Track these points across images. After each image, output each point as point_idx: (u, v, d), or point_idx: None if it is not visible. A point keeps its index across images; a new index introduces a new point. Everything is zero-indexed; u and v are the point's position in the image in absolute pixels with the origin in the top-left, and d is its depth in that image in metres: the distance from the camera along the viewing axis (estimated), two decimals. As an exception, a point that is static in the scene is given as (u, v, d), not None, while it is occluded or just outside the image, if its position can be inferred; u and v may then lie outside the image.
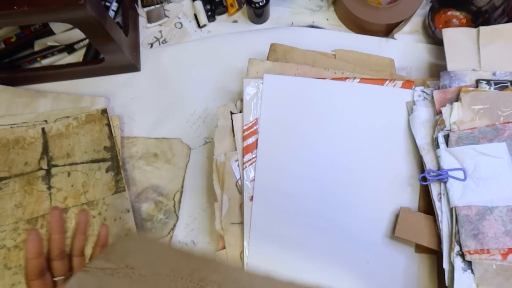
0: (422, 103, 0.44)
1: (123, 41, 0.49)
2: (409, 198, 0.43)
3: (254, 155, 0.44)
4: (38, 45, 0.55)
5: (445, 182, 0.40)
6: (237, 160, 0.44)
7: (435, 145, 0.41)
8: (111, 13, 0.55)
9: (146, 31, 0.57)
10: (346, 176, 0.44)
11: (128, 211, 0.46)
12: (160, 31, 0.57)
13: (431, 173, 0.41)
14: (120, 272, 0.24)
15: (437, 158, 0.41)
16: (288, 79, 0.46)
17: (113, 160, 0.48)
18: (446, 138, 0.41)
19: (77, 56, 0.56)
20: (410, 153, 0.44)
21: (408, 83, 0.45)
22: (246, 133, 0.44)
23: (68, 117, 0.50)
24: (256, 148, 0.44)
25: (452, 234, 0.38)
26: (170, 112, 0.53)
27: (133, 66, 0.53)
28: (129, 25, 0.53)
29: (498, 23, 0.49)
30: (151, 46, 0.56)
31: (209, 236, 0.48)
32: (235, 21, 0.57)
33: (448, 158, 0.40)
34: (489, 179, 0.38)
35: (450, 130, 0.41)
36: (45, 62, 0.55)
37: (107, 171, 0.47)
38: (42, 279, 0.37)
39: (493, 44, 0.45)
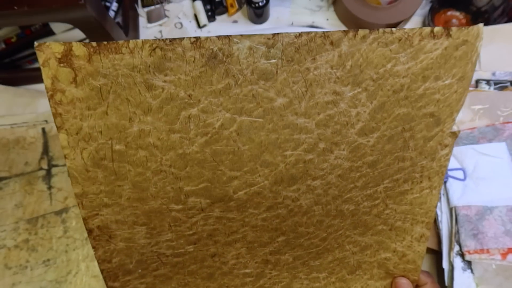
0: (422, 103, 0.44)
1: (123, 41, 0.49)
2: (409, 198, 0.43)
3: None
4: (39, 45, 0.55)
5: (445, 182, 0.40)
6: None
7: (435, 145, 0.41)
8: (111, 13, 0.55)
9: (146, 31, 0.57)
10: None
11: (128, 211, 0.46)
12: (160, 31, 0.57)
13: (431, 173, 0.41)
14: None
15: (437, 158, 0.41)
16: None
17: (113, 160, 0.48)
18: (446, 138, 0.41)
19: (78, 56, 0.56)
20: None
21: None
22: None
23: (68, 117, 0.50)
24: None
25: (452, 234, 0.38)
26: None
27: (133, 66, 0.53)
28: (129, 25, 0.53)
29: (498, 23, 0.49)
30: (151, 46, 0.56)
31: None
32: (235, 21, 0.57)
33: (448, 158, 0.40)
34: (489, 179, 0.39)
35: (449, 130, 0.41)
36: (46, 62, 0.55)
37: (107, 171, 0.47)
38: None
39: (493, 44, 0.45)
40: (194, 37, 0.23)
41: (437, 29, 0.25)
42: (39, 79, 0.54)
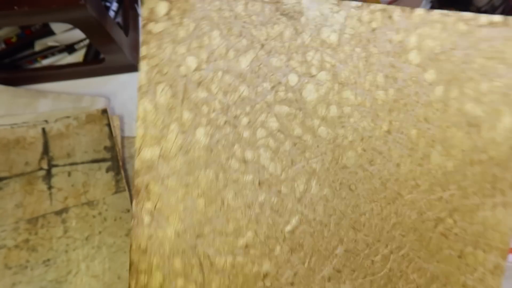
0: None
1: (123, 41, 0.49)
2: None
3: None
4: (39, 45, 0.55)
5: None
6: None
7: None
8: (112, 13, 0.55)
9: (146, 31, 0.57)
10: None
11: (129, 211, 0.46)
12: (160, 31, 0.57)
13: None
14: None
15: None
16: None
17: (113, 160, 0.48)
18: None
19: (78, 56, 0.56)
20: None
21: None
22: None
23: (68, 117, 0.50)
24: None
25: (452, 234, 0.38)
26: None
27: (133, 66, 0.53)
28: (130, 25, 0.53)
29: (498, 23, 0.49)
30: (151, 46, 0.56)
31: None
32: (235, 21, 0.57)
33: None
34: (489, 179, 0.38)
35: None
36: (46, 62, 0.55)
37: (107, 171, 0.47)
38: None
39: (493, 45, 0.45)
40: None
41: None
42: (39, 79, 0.54)
